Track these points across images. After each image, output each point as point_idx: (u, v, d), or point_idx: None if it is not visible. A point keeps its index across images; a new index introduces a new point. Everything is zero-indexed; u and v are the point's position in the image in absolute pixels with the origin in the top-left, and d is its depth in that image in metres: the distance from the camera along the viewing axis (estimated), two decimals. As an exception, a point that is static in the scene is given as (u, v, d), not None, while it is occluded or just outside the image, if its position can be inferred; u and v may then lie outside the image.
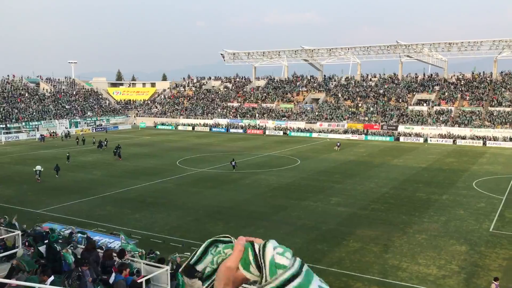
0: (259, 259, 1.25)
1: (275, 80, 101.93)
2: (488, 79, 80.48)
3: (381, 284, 18.04)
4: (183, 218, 27.29)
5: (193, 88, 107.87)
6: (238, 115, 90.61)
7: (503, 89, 76.02)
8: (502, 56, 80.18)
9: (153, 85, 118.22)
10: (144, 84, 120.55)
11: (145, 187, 35.94)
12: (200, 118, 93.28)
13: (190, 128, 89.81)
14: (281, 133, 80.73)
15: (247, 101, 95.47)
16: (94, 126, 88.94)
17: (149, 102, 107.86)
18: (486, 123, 69.17)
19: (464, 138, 67.08)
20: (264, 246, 1.28)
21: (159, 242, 22.36)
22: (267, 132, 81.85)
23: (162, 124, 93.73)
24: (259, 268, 1.25)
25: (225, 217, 27.30)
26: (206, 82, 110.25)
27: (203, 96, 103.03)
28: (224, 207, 29.83)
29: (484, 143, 64.76)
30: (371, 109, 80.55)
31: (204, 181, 38.41)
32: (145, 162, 47.96)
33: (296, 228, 25.37)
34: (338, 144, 59.80)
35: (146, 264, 12.82)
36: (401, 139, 70.50)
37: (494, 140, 65.01)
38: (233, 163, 43.37)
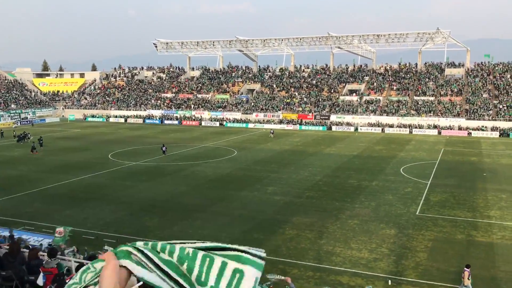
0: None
1: (210, 71, 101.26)
2: (414, 69, 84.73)
3: (316, 270, 18.54)
4: (117, 213, 26.50)
5: (125, 79, 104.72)
6: (172, 106, 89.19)
7: (427, 80, 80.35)
8: (426, 48, 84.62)
9: (82, 75, 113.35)
10: (72, 75, 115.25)
11: (76, 182, 34.49)
12: (133, 110, 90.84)
13: (122, 120, 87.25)
14: (217, 124, 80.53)
15: (182, 92, 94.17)
16: (19, 119, 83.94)
17: (78, 93, 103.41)
18: (412, 112, 72.87)
19: (392, 126, 70.33)
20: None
21: (91, 238, 21.58)
22: (203, 123, 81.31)
23: (93, 116, 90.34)
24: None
25: (160, 211, 26.83)
26: (139, 72, 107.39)
27: (135, 87, 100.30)
28: (160, 200, 29.32)
29: (410, 131, 68.28)
30: (305, 99, 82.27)
31: (138, 174, 37.50)
32: (75, 156, 46.00)
33: (233, 219, 25.45)
34: (272, 131, 63.10)
35: (77, 262, 12.29)
36: (333, 128, 72.70)
37: (419, 128, 68.70)
38: (163, 148, 44.43)
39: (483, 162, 43.55)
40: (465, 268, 16.68)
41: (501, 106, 69.53)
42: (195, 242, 1.36)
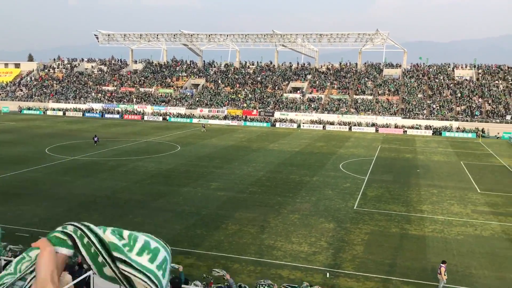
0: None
1: (154, 64, 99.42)
2: (354, 69, 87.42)
3: (257, 264, 18.83)
4: (53, 209, 25.55)
5: (64, 70, 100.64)
6: (114, 100, 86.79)
7: (366, 79, 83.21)
8: (365, 48, 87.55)
9: (17, 66, 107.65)
10: (6, 65, 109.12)
11: (9, 177, 32.85)
12: (72, 103, 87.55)
13: (60, 113, 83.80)
14: (161, 118, 79.26)
15: (124, 85, 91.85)
16: None
17: (13, 84, 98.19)
18: (352, 110, 75.25)
19: (332, 124, 72.30)
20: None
21: (26, 235, 20.69)
22: (145, 118, 79.73)
23: (29, 108, 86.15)
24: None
25: (100, 207, 26.15)
26: (79, 64, 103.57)
27: (75, 79, 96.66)
28: (99, 196, 28.55)
29: (350, 128, 70.51)
30: (250, 96, 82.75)
31: (77, 169, 36.29)
32: (9, 150, 43.75)
33: (175, 215, 25.26)
34: (203, 125, 66.01)
35: (6, 260, 11.79)
36: (277, 125, 73.69)
37: (358, 126, 71.08)
38: (95, 138, 45.14)
39: (417, 159, 45.79)
40: (441, 264, 17.37)
41: (434, 106, 73.27)
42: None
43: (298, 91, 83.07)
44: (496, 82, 77.32)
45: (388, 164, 42.43)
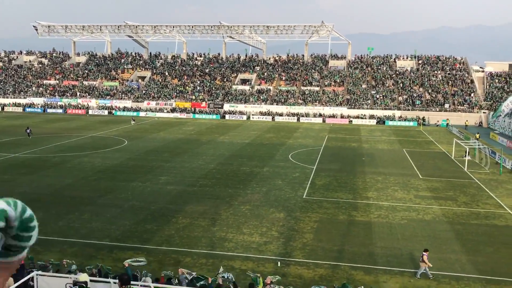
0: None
1: (98, 56, 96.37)
2: (301, 61, 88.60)
3: (209, 257, 18.83)
4: (-7, 210, 24.31)
5: (1, 64, 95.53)
6: (56, 94, 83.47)
7: (313, 71, 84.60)
8: (312, 40, 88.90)
9: None
10: None
11: None
12: (11, 97, 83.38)
13: (-2, 108, 79.66)
14: (106, 112, 77.10)
15: (67, 78, 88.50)
16: None
17: None
18: (299, 101, 76.36)
19: (281, 115, 73.12)
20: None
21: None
22: (90, 112, 77.30)
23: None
24: None
25: (44, 205, 25.17)
26: (17, 56, 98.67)
27: (13, 72, 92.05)
28: (43, 194, 27.49)
29: (298, 119, 71.57)
30: (198, 88, 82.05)
31: (18, 167, 34.71)
32: None
33: (124, 210, 24.75)
34: (133, 119, 66.39)
35: None
36: (227, 116, 73.63)
37: (306, 117, 72.29)
38: (27, 130, 45.19)
39: (362, 148, 47.20)
40: (423, 252, 17.84)
41: (378, 96, 75.66)
42: None
43: (247, 83, 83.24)
44: (435, 72, 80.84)
45: (335, 153, 43.48)
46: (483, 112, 69.57)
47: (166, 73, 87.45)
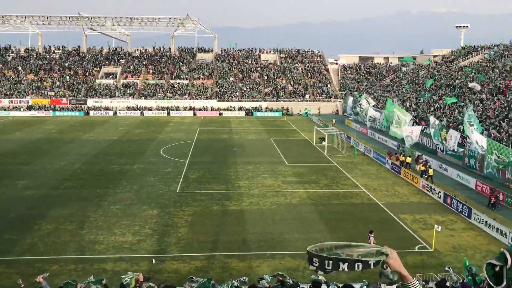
0: None
1: None
2: (168, 54, 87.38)
3: (78, 262, 17.82)
4: None
5: None
6: None
7: (181, 64, 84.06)
8: (178, 33, 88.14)
9: None
10: None
11: None
12: None
13: None
14: None
15: None
16: None
17: None
18: (169, 94, 75.41)
19: (150, 109, 71.51)
20: None
21: None
22: None
23: None
24: None
25: None
26: None
27: None
28: None
29: (168, 113, 70.69)
30: (58, 83, 76.32)
31: None
32: None
33: (-24, 221, 22.19)
34: None
35: None
36: (91, 113, 69.78)
37: (177, 110, 71.72)
38: None
39: (233, 139, 48.39)
40: (369, 234, 18.58)
41: (245, 88, 78.01)
42: None
43: (112, 77, 79.68)
44: (296, 65, 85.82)
45: (207, 146, 43.95)
46: (339, 101, 75.85)
47: (20, 68, 79.73)
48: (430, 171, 30.28)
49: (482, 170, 32.24)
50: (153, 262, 17.77)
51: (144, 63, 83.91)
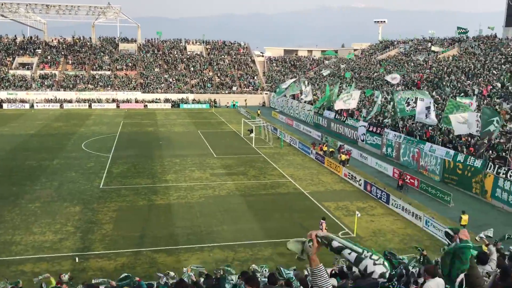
0: None
1: None
2: (88, 43, 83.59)
3: (-7, 265, 16.73)
4: None
5: None
6: None
7: (103, 54, 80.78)
8: (99, 22, 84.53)
9: None
10: None
11: None
12: None
13: None
14: None
15: None
16: None
17: None
18: (90, 86, 72.27)
19: (70, 101, 68.16)
20: None
21: None
22: None
23: None
24: None
25: None
26: None
27: None
28: None
29: (90, 106, 67.78)
30: (-36, 73, 70.41)
31: None
32: None
33: None
34: None
35: None
36: (5, 106, 65.21)
37: (99, 102, 68.96)
38: None
39: (158, 132, 47.47)
40: (321, 220, 19.66)
41: (171, 80, 76.65)
42: None
43: (27, 67, 74.87)
44: (223, 56, 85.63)
45: (132, 139, 42.78)
46: (265, 93, 76.83)
47: None
48: (343, 157, 32.64)
49: (399, 158, 34.24)
50: (77, 260, 17.09)
51: (62, 53, 79.64)
